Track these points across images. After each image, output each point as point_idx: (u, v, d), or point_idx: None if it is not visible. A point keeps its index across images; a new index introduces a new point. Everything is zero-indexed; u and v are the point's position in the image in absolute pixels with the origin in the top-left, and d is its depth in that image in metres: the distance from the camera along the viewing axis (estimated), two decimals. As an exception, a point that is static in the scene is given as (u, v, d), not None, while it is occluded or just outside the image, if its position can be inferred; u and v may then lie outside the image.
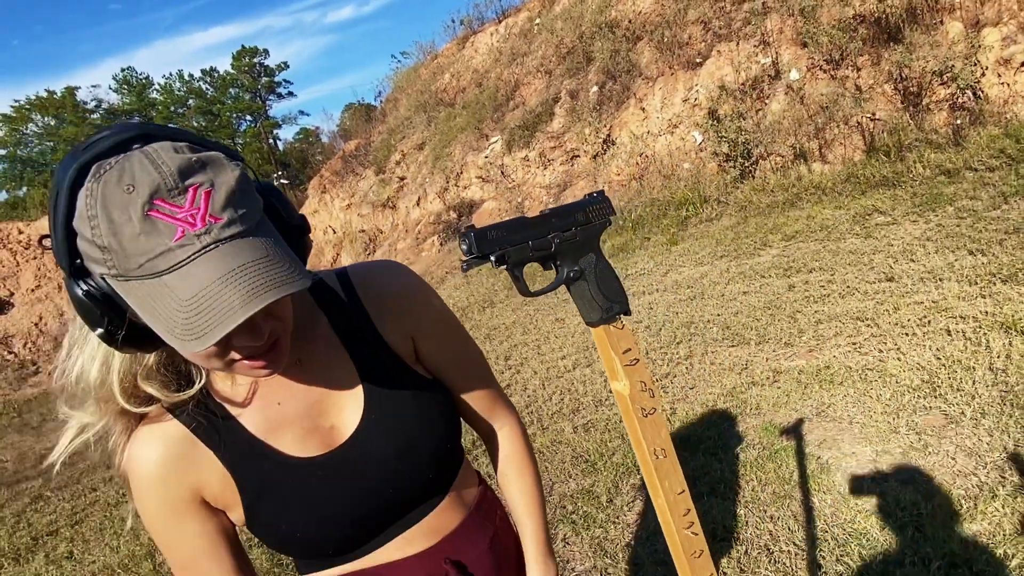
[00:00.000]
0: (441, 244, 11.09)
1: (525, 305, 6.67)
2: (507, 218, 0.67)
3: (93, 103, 39.62)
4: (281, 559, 2.98)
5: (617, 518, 2.64)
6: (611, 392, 3.91)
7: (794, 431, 2.90)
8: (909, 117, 6.61)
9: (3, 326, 11.09)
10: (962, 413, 2.69)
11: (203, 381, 0.76)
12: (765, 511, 2.43)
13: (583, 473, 3.05)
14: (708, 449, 2.94)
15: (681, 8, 9.79)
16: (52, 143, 37.89)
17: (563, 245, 0.67)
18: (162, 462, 0.74)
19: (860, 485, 2.43)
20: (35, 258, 12.27)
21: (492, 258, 0.60)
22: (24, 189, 35.80)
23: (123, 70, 43.26)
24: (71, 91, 38.19)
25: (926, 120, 6.50)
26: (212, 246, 0.57)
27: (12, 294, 11.64)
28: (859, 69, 7.24)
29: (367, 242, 13.13)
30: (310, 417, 0.80)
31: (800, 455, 2.71)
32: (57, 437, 0.76)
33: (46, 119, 38.05)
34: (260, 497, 0.78)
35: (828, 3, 7.80)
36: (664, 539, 2.30)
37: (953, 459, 2.44)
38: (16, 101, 38.40)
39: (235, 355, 0.66)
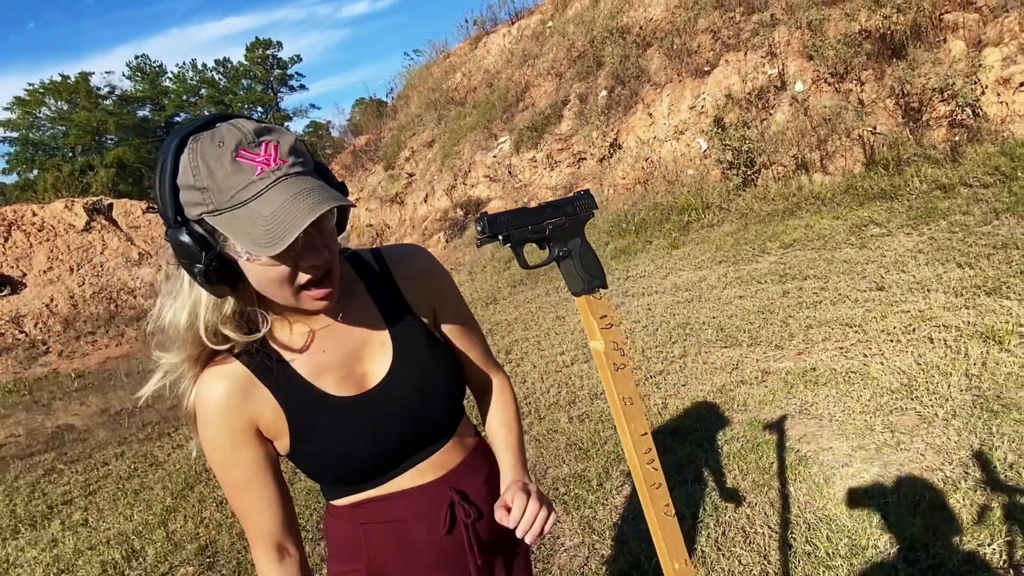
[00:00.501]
0: (447, 241, 11.27)
1: (527, 303, 6.84)
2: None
3: (106, 89, 39.90)
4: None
5: (606, 500, 2.81)
6: (606, 386, 4.08)
7: (777, 426, 3.06)
8: (909, 132, 6.76)
9: (15, 306, 11.29)
10: (935, 414, 2.85)
11: (268, 326, 0.93)
12: (744, 497, 2.59)
13: (576, 459, 3.22)
14: (695, 440, 3.11)
15: (691, 17, 9.95)
16: (64, 127, 38.16)
17: (555, 230, 0.85)
18: (227, 396, 0.91)
19: (834, 476, 2.59)
20: (48, 240, 12.47)
21: (500, 237, 0.78)
22: (35, 172, 36.05)
23: (137, 57, 43.60)
24: (85, 76, 38.46)
25: (925, 136, 6.65)
26: (283, 178, 0.78)
27: (25, 275, 11.84)
28: (863, 83, 7.39)
29: (374, 236, 13.31)
30: (347, 364, 0.98)
31: (780, 448, 2.87)
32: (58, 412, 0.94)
33: (59, 103, 38.32)
34: (305, 429, 0.95)
35: (835, 17, 7.95)
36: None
37: (923, 455, 2.60)
38: (30, 84, 38.67)
39: (301, 279, 0.84)
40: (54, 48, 73.50)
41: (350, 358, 0.98)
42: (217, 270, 0.81)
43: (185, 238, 0.79)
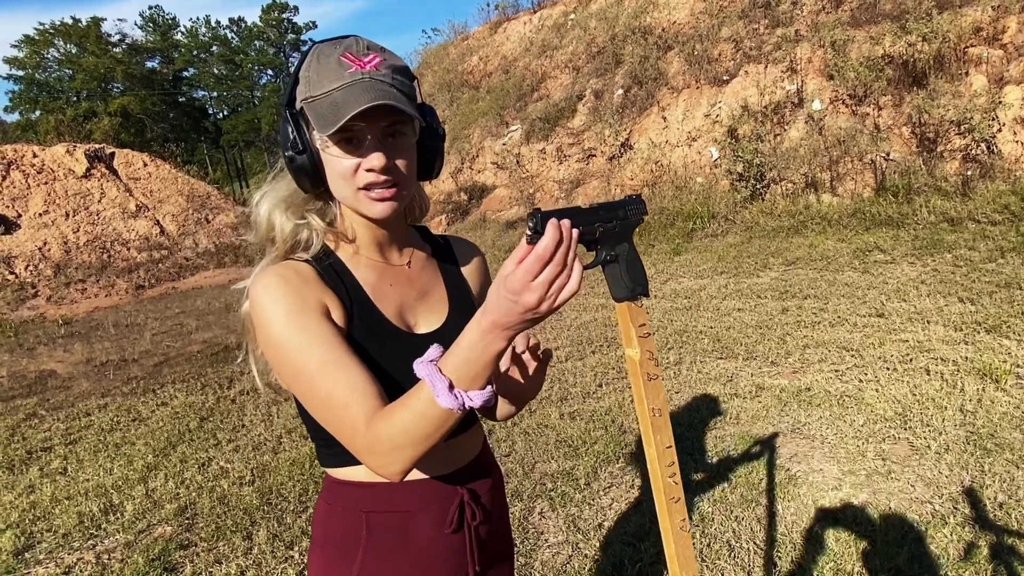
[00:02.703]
0: (449, 224, 11.21)
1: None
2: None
3: (117, 36, 39.44)
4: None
5: (593, 500, 2.80)
6: (599, 386, 4.07)
7: (768, 443, 3.06)
8: (922, 162, 6.75)
9: (7, 246, 11.16)
10: (927, 446, 2.85)
11: (340, 220, 0.99)
12: (731, 511, 2.59)
13: (565, 456, 3.21)
14: (685, 449, 3.10)
15: (715, 24, 9.89)
16: (71, 71, 37.71)
17: (605, 233, 0.81)
18: (298, 276, 0.91)
19: (823, 499, 2.59)
20: (46, 183, 12.33)
21: None
22: (38, 113, 35.59)
23: (151, 7, 43.09)
24: (97, 21, 37.99)
25: (938, 167, 6.64)
26: (368, 79, 0.87)
27: (20, 215, 11.71)
28: (880, 108, 7.38)
29: (375, 212, 13.24)
30: (406, 306, 1.00)
31: (771, 465, 2.87)
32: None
33: (68, 46, 37.83)
34: (362, 339, 0.92)
35: (859, 39, 7.92)
36: (632, 523, 2.45)
37: (913, 487, 2.60)
38: (41, 24, 38.14)
39: (360, 180, 0.89)
40: (68, -11, 72.32)
41: (408, 305, 1.01)
42: (304, 153, 0.90)
43: (287, 123, 0.90)
